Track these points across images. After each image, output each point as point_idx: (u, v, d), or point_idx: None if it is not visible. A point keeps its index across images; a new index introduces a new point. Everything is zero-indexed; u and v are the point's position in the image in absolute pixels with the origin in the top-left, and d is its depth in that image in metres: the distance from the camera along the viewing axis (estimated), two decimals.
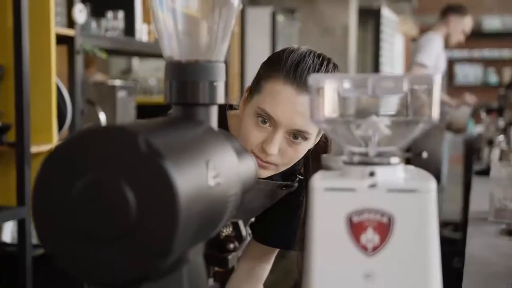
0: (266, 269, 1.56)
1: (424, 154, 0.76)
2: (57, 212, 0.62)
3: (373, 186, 0.67)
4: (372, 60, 7.20)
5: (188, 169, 0.63)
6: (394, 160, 0.70)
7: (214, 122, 0.80)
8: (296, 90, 1.23)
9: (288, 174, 1.43)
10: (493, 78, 10.10)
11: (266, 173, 1.30)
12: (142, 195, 0.60)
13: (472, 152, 4.81)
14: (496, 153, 3.04)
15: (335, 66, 1.29)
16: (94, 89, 3.10)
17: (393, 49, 8.33)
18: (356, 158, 0.70)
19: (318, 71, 1.24)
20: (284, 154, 1.27)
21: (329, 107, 0.70)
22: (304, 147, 1.28)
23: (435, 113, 0.68)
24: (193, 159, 0.65)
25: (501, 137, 3.17)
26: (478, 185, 2.61)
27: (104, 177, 0.60)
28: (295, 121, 1.23)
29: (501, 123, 4.49)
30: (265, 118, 1.25)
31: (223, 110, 1.41)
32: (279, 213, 1.48)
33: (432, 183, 0.67)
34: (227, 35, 0.83)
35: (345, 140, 0.71)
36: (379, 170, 0.68)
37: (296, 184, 1.43)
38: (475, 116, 6.57)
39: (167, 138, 0.65)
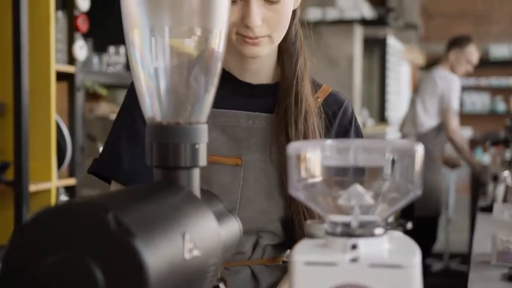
0: None
1: (409, 225, 0.74)
2: None
3: (354, 260, 0.64)
4: (378, 89, 7.19)
5: (161, 245, 0.61)
6: (378, 231, 0.67)
7: (195, 185, 0.78)
8: None
9: None
10: (501, 106, 10.06)
11: (263, 50, 1.22)
12: (112, 275, 0.57)
13: (478, 183, 4.76)
14: (501, 189, 3.00)
15: None
16: (97, 124, 3.10)
17: (400, 78, 8.32)
18: (338, 229, 0.67)
19: None
20: (269, 22, 1.20)
21: (309, 175, 0.68)
22: (286, 5, 1.21)
23: (418, 183, 0.66)
24: (168, 233, 0.63)
25: (506, 173, 3.13)
26: (482, 223, 2.57)
27: (73, 256, 0.58)
28: None
29: (508, 155, 4.45)
30: None
31: None
32: None
33: (417, 257, 0.65)
34: (210, 93, 0.81)
35: (326, 210, 0.68)
36: (362, 242, 0.66)
37: None
38: (482, 146, 6.50)
39: (140, 212, 0.63)
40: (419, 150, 0.65)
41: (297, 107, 1.25)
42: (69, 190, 2.70)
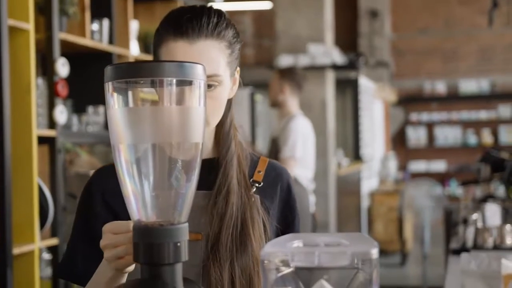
0: None
1: None
2: None
3: None
4: (352, 128, 7.34)
5: None
6: None
7: (178, 278, 0.87)
8: (189, 41, 1.21)
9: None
10: (472, 139, 10.29)
11: None
12: None
13: (450, 221, 4.84)
14: (471, 231, 3.10)
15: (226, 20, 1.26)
16: (77, 181, 3.16)
17: (373, 115, 8.49)
18: None
19: (201, 19, 1.23)
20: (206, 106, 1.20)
21: (279, 274, 0.77)
22: (221, 92, 1.25)
23: (377, 278, 0.75)
24: None
25: (475, 216, 3.22)
26: (453, 267, 2.64)
27: None
28: None
29: (479, 193, 4.55)
30: None
31: None
32: None
33: None
34: (189, 195, 0.91)
35: None
36: None
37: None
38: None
39: None
40: (375, 253, 0.74)
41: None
42: (52, 249, 2.76)
